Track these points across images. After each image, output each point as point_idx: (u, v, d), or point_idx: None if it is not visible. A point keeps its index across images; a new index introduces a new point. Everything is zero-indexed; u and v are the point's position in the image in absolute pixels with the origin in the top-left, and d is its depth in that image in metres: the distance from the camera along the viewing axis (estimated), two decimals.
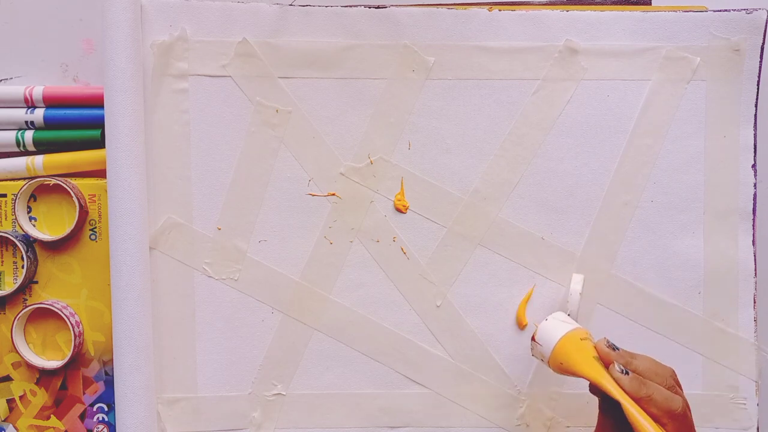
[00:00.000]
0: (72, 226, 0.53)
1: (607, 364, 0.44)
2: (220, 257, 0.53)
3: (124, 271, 0.50)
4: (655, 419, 0.42)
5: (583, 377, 0.45)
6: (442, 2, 0.55)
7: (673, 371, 0.45)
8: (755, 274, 0.54)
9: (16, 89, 0.54)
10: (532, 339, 0.47)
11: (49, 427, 0.54)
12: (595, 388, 0.46)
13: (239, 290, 0.53)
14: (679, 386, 0.45)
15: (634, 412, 0.42)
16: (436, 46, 0.53)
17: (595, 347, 0.46)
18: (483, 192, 0.54)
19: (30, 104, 0.54)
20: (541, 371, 0.54)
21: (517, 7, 0.53)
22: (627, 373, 0.43)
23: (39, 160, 0.53)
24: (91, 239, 0.54)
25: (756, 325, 0.54)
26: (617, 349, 0.45)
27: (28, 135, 0.54)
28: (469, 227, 0.54)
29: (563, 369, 0.46)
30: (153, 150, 0.52)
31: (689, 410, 0.44)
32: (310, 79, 0.53)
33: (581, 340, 0.46)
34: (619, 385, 0.43)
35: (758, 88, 0.53)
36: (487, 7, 0.53)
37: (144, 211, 0.51)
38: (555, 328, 0.47)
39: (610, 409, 0.45)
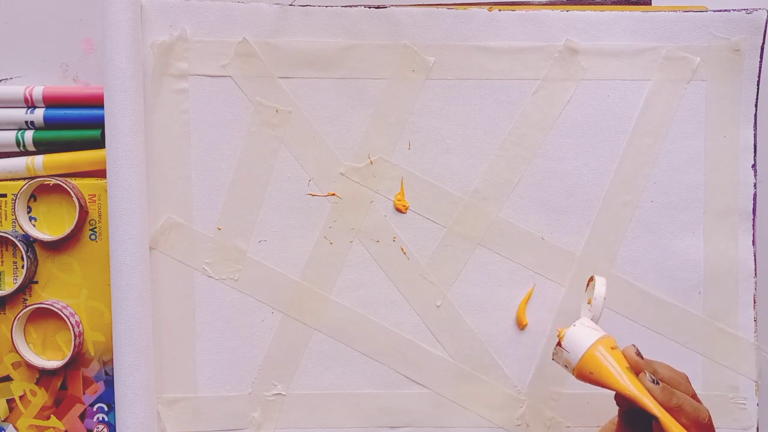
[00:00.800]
0: (72, 226, 0.53)
1: (636, 373, 0.44)
2: (220, 257, 0.53)
3: (124, 271, 0.50)
4: (685, 428, 0.42)
5: (615, 389, 0.44)
6: (442, 2, 0.55)
7: (687, 377, 0.45)
8: (755, 274, 0.54)
9: (16, 89, 0.54)
10: (558, 344, 0.46)
11: (49, 427, 0.54)
12: (621, 398, 0.45)
13: (239, 290, 0.53)
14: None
15: (673, 428, 0.42)
16: (436, 46, 0.53)
17: (624, 356, 0.45)
18: (483, 192, 0.54)
19: (30, 104, 0.54)
20: (541, 371, 0.54)
21: (517, 7, 0.53)
22: (656, 382, 0.43)
23: (39, 160, 0.53)
24: (91, 239, 0.54)
25: (756, 325, 0.54)
26: (642, 357, 0.45)
27: (28, 135, 0.54)
28: (469, 227, 0.54)
29: (592, 379, 0.45)
30: (153, 150, 0.53)
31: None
32: (310, 79, 0.53)
33: (612, 349, 0.45)
34: (651, 395, 0.42)
35: (758, 88, 0.53)
36: (487, 7, 0.53)
37: (144, 211, 0.51)
38: (583, 335, 0.46)
39: (631, 418, 0.45)
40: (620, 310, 0.54)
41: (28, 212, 0.54)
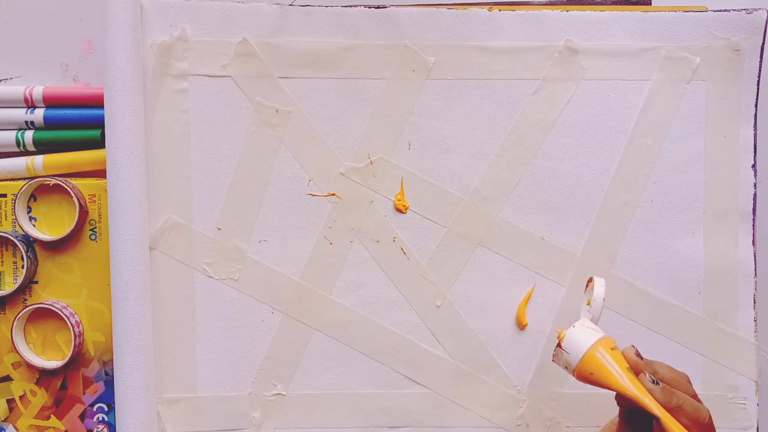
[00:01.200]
0: (72, 226, 0.53)
1: (636, 374, 0.44)
2: (220, 257, 0.53)
3: (124, 271, 0.50)
4: (685, 428, 0.42)
5: (615, 390, 0.44)
6: (442, 2, 0.55)
7: (688, 377, 0.45)
8: (755, 274, 0.54)
9: (16, 89, 0.54)
10: (558, 346, 0.46)
11: (49, 427, 0.54)
12: (622, 398, 0.45)
13: (239, 290, 0.53)
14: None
15: (674, 428, 0.42)
16: (436, 46, 0.53)
17: (624, 357, 0.45)
18: (483, 192, 0.54)
19: (30, 104, 0.54)
20: (541, 371, 0.54)
21: (517, 7, 0.53)
22: (656, 383, 0.43)
23: (39, 160, 0.53)
24: (91, 239, 0.54)
25: (756, 325, 0.54)
26: (642, 357, 0.45)
27: (28, 135, 0.54)
28: (469, 227, 0.54)
29: (592, 379, 0.45)
30: (153, 150, 0.53)
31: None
32: (310, 79, 0.53)
33: (612, 349, 0.45)
34: (651, 395, 0.43)
35: (758, 88, 0.53)
36: (487, 7, 0.53)
37: (144, 211, 0.51)
38: (583, 336, 0.46)
39: (632, 418, 0.45)
40: (620, 310, 0.54)
41: (28, 212, 0.54)
